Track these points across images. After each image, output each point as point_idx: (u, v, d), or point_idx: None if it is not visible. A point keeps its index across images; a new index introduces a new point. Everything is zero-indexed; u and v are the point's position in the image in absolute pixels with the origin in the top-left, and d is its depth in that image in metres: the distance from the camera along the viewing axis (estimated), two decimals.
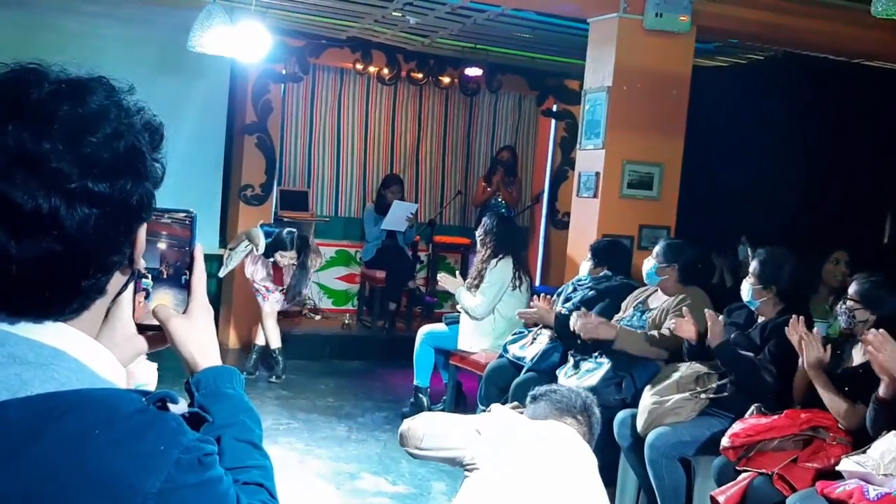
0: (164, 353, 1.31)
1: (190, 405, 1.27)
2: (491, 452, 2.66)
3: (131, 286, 1.26)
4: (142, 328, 1.26)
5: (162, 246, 1.29)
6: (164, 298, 1.30)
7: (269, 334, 6.86)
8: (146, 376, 2.98)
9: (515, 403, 3.12)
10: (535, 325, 5.18)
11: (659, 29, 5.29)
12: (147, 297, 1.29)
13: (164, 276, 1.30)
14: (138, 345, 1.26)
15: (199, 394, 1.24)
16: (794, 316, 3.70)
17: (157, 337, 1.27)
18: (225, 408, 1.24)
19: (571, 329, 4.59)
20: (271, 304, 6.82)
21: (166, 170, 1.05)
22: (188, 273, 1.29)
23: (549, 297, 5.27)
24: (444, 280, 5.95)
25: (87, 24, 7.00)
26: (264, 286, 6.78)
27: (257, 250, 6.59)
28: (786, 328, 3.70)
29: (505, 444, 2.68)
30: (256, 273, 6.78)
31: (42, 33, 6.82)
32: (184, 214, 1.29)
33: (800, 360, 3.64)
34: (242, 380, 1.32)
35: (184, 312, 1.27)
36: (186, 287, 1.29)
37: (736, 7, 5.50)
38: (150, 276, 1.29)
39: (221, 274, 7.16)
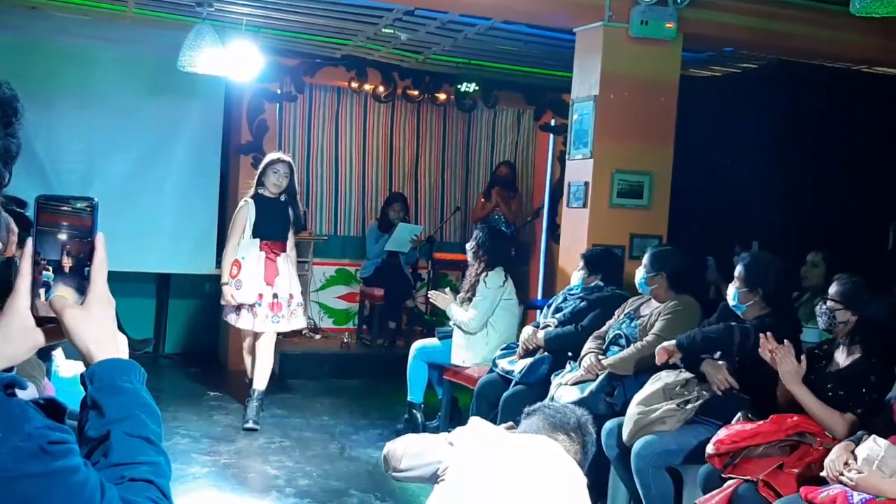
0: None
1: (84, 400, 1.23)
2: (459, 462, 2.60)
3: (27, 277, 1.23)
4: (41, 321, 1.23)
5: (62, 237, 1.25)
6: (66, 292, 1.26)
7: (259, 373, 5.95)
8: None
9: (510, 424, 3.03)
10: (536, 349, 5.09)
11: (645, 36, 5.26)
12: (48, 290, 1.25)
13: (66, 269, 1.26)
14: (35, 338, 1.23)
15: (92, 387, 1.21)
16: (761, 334, 3.62)
17: (56, 330, 1.24)
18: (118, 402, 1.20)
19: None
20: (270, 335, 5.98)
21: (22, 147, 1.01)
22: (90, 264, 1.25)
23: (536, 329, 5.17)
24: (436, 297, 5.87)
25: (81, 45, 7.04)
26: (260, 296, 5.85)
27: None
28: (759, 348, 3.62)
29: (474, 454, 2.61)
30: (251, 289, 5.84)
31: (36, 56, 6.87)
32: (85, 203, 1.25)
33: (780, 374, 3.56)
34: (143, 374, 1.27)
35: (81, 303, 1.23)
36: (88, 279, 1.25)
37: (723, 13, 5.47)
38: (50, 268, 1.26)
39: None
